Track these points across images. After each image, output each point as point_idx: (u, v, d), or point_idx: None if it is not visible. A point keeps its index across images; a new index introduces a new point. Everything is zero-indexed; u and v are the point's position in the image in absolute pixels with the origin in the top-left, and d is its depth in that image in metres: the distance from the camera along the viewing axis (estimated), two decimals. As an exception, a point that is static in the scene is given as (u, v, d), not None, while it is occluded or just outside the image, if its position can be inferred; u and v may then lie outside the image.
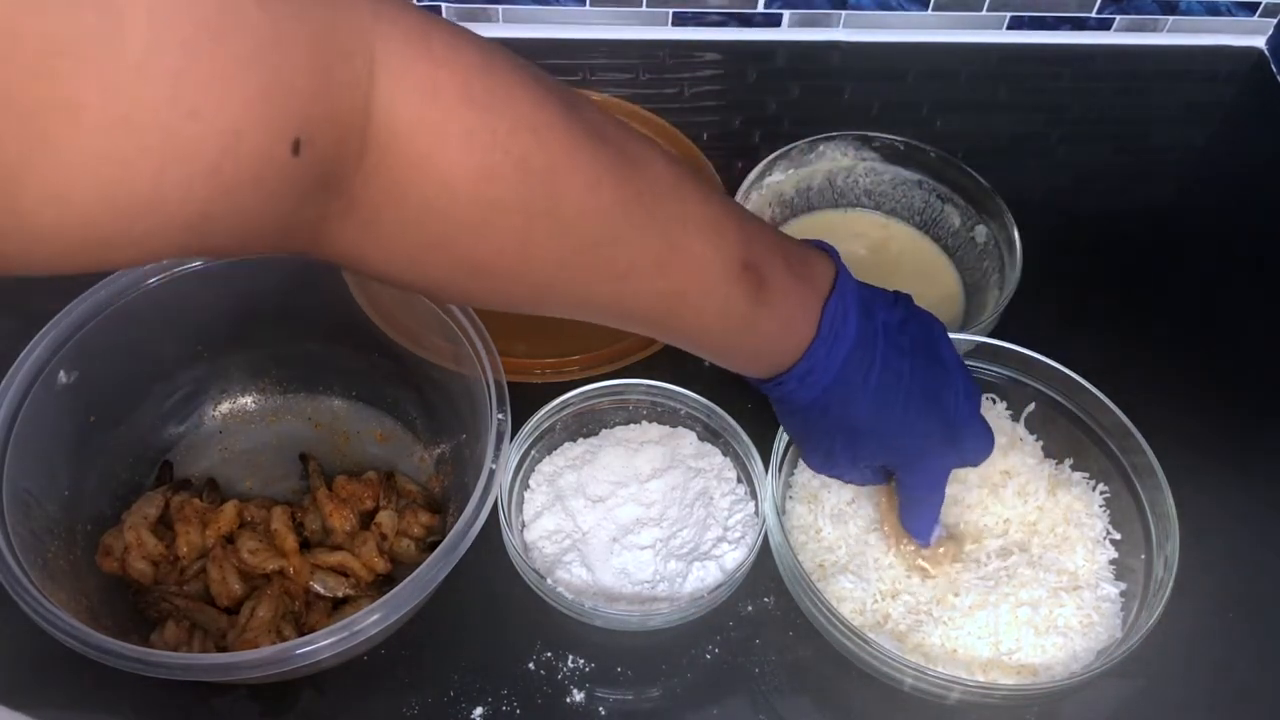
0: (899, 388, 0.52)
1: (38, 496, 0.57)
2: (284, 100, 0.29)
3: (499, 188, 0.37)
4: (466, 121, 0.35)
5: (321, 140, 0.31)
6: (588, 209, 0.40)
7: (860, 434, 0.53)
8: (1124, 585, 0.61)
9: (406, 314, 0.65)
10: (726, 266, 0.45)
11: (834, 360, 0.50)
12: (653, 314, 0.46)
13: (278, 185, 0.31)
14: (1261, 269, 0.83)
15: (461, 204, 0.36)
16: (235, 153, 0.28)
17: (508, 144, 0.36)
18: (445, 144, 0.35)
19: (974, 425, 0.56)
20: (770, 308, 0.47)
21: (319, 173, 0.32)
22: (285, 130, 0.30)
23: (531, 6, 0.93)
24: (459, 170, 0.36)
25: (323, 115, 0.31)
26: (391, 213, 0.36)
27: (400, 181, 0.35)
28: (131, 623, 0.59)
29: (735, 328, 0.47)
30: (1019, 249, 0.72)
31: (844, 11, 0.95)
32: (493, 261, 0.39)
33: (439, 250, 0.38)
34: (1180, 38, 0.98)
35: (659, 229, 0.43)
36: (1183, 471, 0.61)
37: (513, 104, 0.36)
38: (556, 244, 0.40)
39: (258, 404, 0.70)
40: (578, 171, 0.39)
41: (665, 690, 0.61)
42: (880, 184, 0.80)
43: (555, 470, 0.65)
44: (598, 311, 0.46)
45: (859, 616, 0.60)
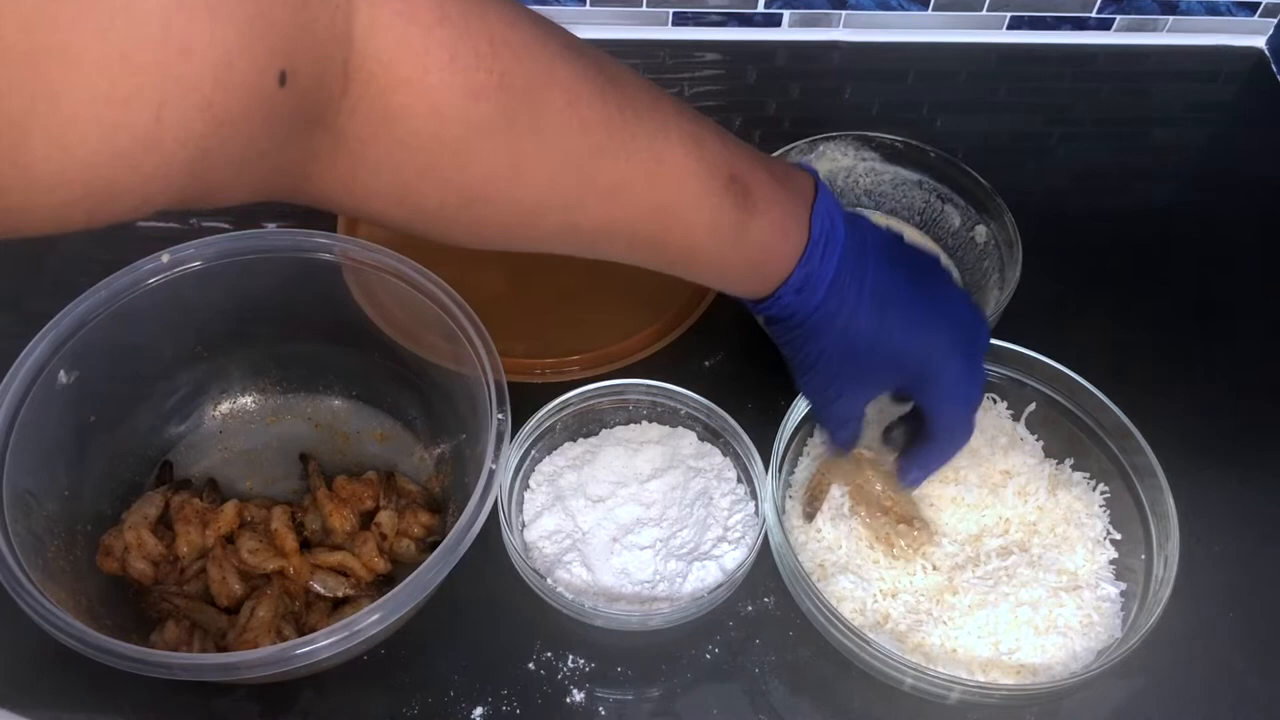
0: (897, 295, 0.51)
1: (38, 496, 0.57)
2: (267, 32, 0.30)
3: (483, 107, 0.37)
4: (446, 43, 0.36)
5: (306, 71, 0.32)
6: (570, 124, 0.40)
7: (862, 346, 0.51)
8: (1124, 585, 0.61)
9: (406, 314, 0.65)
10: (712, 177, 0.45)
11: (828, 266, 0.49)
12: (644, 233, 0.46)
13: (267, 118, 0.31)
14: (1262, 269, 0.83)
15: (448, 126, 0.37)
16: (226, 85, 0.29)
17: (489, 63, 0.37)
18: (427, 66, 0.35)
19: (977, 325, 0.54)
20: (759, 217, 0.47)
21: (306, 104, 0.33)
22: (271, 61, 0.30)
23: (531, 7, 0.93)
24: (443, 92, 0.36)
25: (305, 45, 0.32)
26: (380, 142, 0.36)
27: (386, 108, 0.35)
28: (131, 623, 0.59)
29: (727, 240, 0.47)
30: (1019, 249, 0.72)
31: (844, 11, 0.95)
32: (483, 185, 0.40)
33: (429, 178, 0.38)
34: (1180, 38, 0.98)
35: (642, 142, 0.43)
36: (1183, 471, 0.61)
37: (489, 24, 0.37)
38: (543, 161, 0.40)
39: (258, 404, 0.70)
40: (558, 86, 0.39)
41: (665, 690, 0.61)
42: (880, 184, 0.80)
43: (555, 470, 0.65)
44: (590, 236, 0.45)
45: (859, 616, 0.60)
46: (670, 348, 0.72)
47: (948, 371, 0.53)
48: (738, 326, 0.74)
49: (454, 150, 0.38)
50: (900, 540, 0.61)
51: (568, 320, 0.73)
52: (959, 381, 0.54)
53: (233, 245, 0.63)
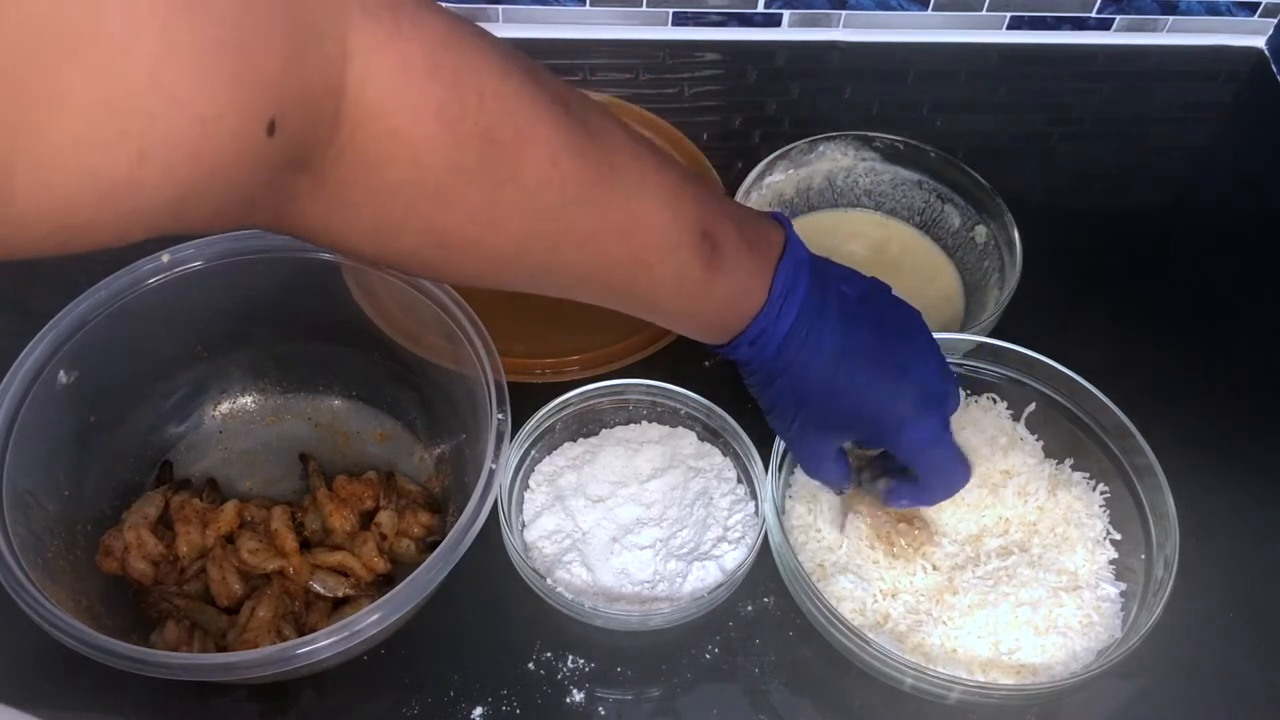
0: (854, 353, 0.52)
1: (38, 496, 0.57)
2: (259, 83, 0.30)
3: (466, 158, 0.38)
4: (436, 95, 0.36)
5: (295, 120, 0.32)
6: (550, 177, 0.41)
7: (817, 401, 0.53)
8: (1124, 585, 0.61)
9: (406, 314, 0.65)
10: (684, 234, 0.46)
11: (783, 324, 0.51)
12: (611, 282, 0.47)
13: (253, 165, 0.31)
14: (1262, 269, 0.83)
15: (430, 175, 0.37)
16: (214, 136, 0.29)
17: (475, 115, 0.37)
18: (416, 118, 0.36)
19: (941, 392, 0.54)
20: (724, 274, 0.48)
21: (292, 151, 0.33)
22: (261, 112, 0.30)
23: (531, 6, 0.93)
24: (429, 143, 0.36)
25: (296, 96, 0.32)
26: (361, 187, 0.37)
27: (371, 156, 0.36)
28: (131, 623, 0.59)
29: (690, 293, 0.49)
30: (1019, 249, 0.72)
31: (844, 11, 0.95)
32: (459, 231, 0.40)
33: (407, 221, 0.39)
34: (1180, 38, 0.98)
35: (618, 197, 0.44)
36: (1183, 471, 0.61)
37: (479, 76, 0.37)
38: (520, 212, 0.41)
39: (258, 404, 0.70)
40: (541, 141, 0.40)
41: (665, 690, 0.61)
42: (880, 184, 0.80)
43: (555, 470, 0.65)
44: (559, 280, 0.47)
45: (859, 616, 0.60)
46: (670, 348, 0.72)
47: (906, 431, 0.53)
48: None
49: (433, 196, 0.38)
50: (900, 539, 0.61)
51: (568, 320, 0.73)
52: (922, 443, 0.54)
53: (233, 245, 0.63)
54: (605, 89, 0.88)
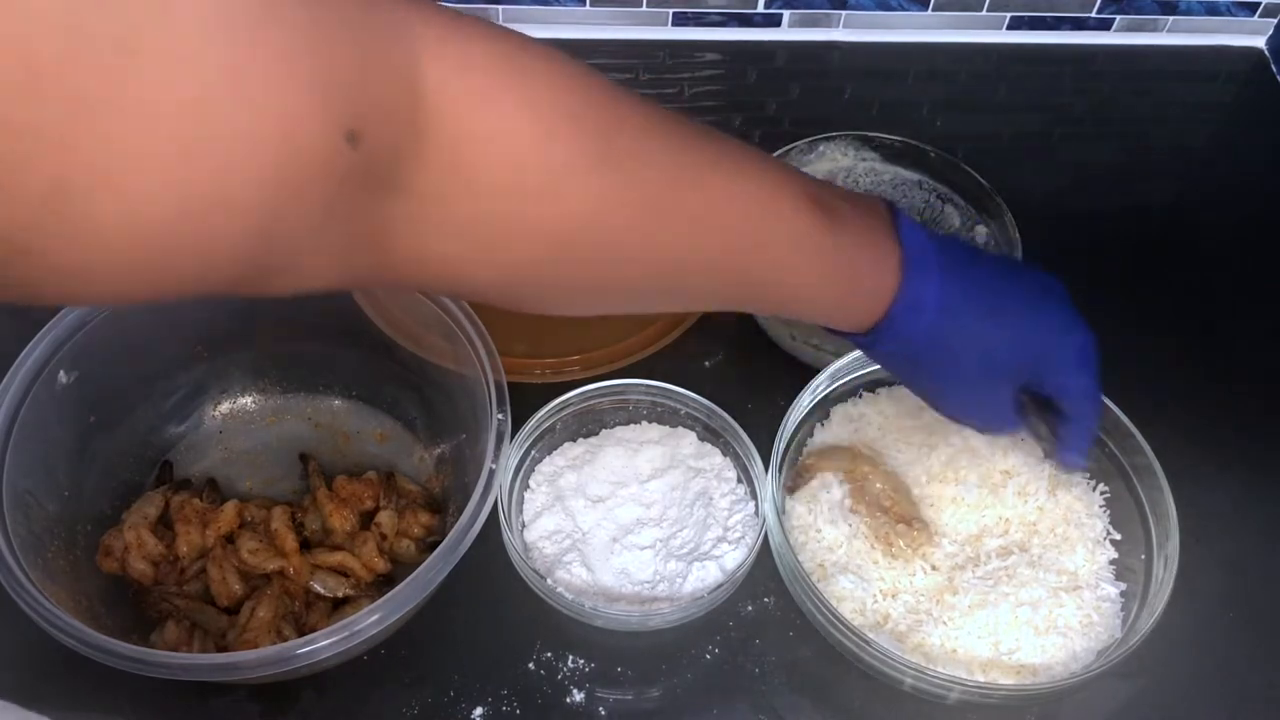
0: (1007, 294, 0.51)
1: (38, 496, 0.57)
2: (334, 91, 0.30)
3: (560, 149, 0.37)
4: (513, 90, 0.35)
5: (375, 129, 0.31)
6: (642, 157, 0.40)
7: (990, 347, 0.50)
8: (1124, 585, 0.61)
9: (406, 314, 0.65)
10: (792, 199, 0.44)
11: (930, 280, 0.48)
12: (732, 264, 0.45)
13: (339, 180, 0.31)
14: (1262, 269, 0.83)
15: (527, 172, 0.36)
16: (295, 145, 0.29)
17: (559, 104, 0.37)
18: (500, 114, 0.35)
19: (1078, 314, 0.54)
20: (847, 235, 0.46)
21: (377, 165, 0.32)
22: (339, 121, 0.30)
23: (531, 6, 0.93)
24: (519, 138, 0.36)
25: (373, 103, 0.31)
26: (458, 198, 0.36)
27: (461, 162, 0.35)
28: (131, 623, 0.59)
29: (818, 260, 0.46)
30: (1019, 249, 0.72)
31: (844, 11, 0.95)
32: (568, 231, 0.39)
33: (514, 229, 0.38)
34: (1180, 38, 0.98)
35: (717, 171, 0.42)
36: (1183, 471, 0.61)
37: (549, 70, 0.37)
38: (623, 199, 0.39)
39: (258, 404, 0.70)
40: (626, 124, 0.39)
41: (665, 690, 0.61)
42: (880, 184, 0.80)
43: (555, 470, 0.65)
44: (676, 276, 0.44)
45: (859, 616, 0.60)
46: (670, 348, 0.72)
47: (1066, 346, 0.52)
48: (738, 326, 0.74)
49: (535, 197, 0.37)
50: (899, 540, 0.61)
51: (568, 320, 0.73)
52: (1082, 347, 0.53)
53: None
54: (605, 89, 0.88)
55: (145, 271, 0.28)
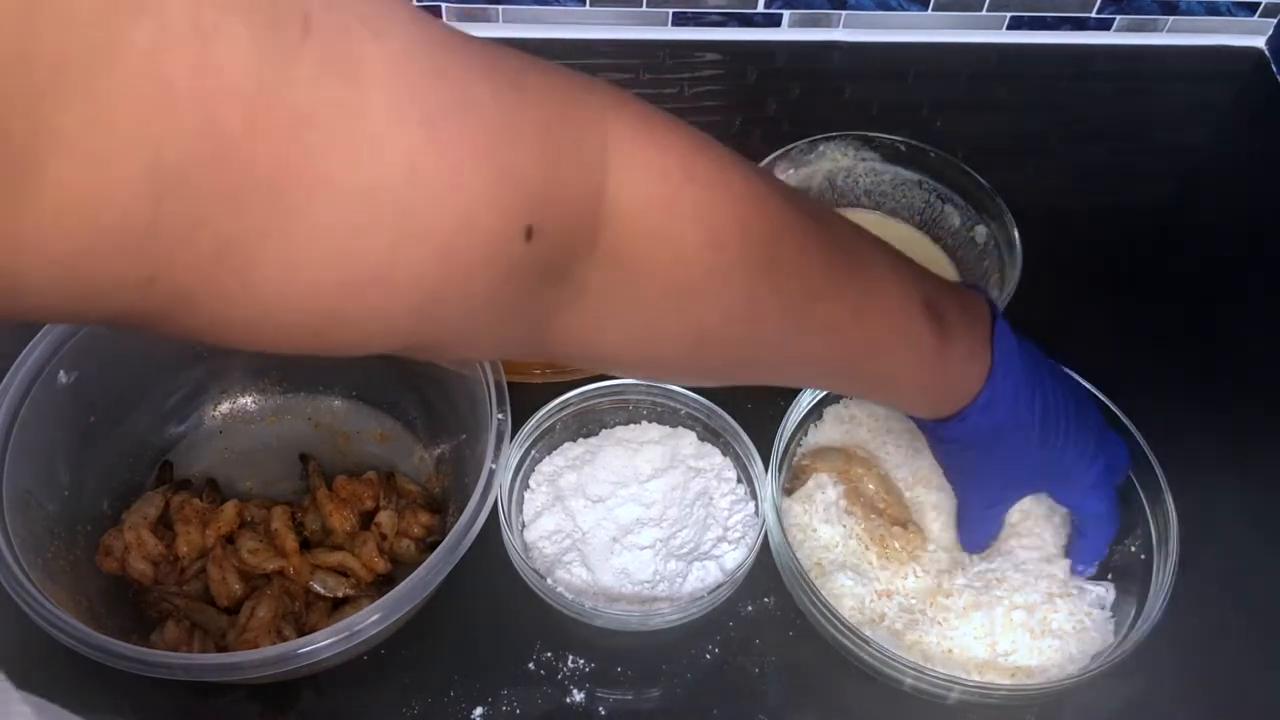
0: (1065, 415, 0.54)
1: (38, 496, 0.57)
2: (517, 187, 0.30)
3: (726, 255, 0.38)
4: (694, 197, 0.36)
5: (553, 227, 0.32)
6: (800, 267, 0.41)
7: (1030, 460, 0.54)
8: (1123, 585, 0.61)
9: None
10: (912, 308, 0.47)
11: (1009, 386, 0.51)
12: (854, 368, 0.48)
13: (509, 271, 0.31)
14: (1262, 269, 0.83)
15: (693, 276, 0.37)
16: (468, 235, 0.29)
17: (731, 212, 0.38)
18: (677, 220, 0.36)
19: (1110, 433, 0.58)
20: (955, 344, 0.49)
21: (550, 259, 0.33)
22: (519, 216, 0.30)
23: (531, 6, 0.93)
24: (690, 242, 0.37)
25: (555, 202, 0.32)
26: (625, 293, 0.36)
27: (633, 261, 0.36)
28: (131, 623, 0.59)
29: (927, 368, 0.49)
30: (1019, 249, 0.72)
31: (844, 11, 0.95)
32: (720, 327, 0.40)
33: (669, 322, 0.39)
34: (1180, 38, 0.98)
35: (855, 279, 0.44)
36: (1183, 471, 0.61)
37: (729, 179, 0.38)
38: (775, 303, 0.41)
39: (258, 404, 0.70)
40: (789, 233, 0.40)
41: (665, 690, 0.61)
42: (880, 184, 0.80)
43: (555, 470, 0.65)
44: (800, 370, 0.48)
45: (858, 616, 0.60)
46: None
47: (1096, 468, 0.56)
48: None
49: (696, 296, 0.38)
50: (895, 542, 0.61)
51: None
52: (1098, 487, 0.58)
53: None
54: (605, 89, 0.88)
55: (303, 333, 0.29)
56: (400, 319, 0.30)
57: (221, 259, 0.25)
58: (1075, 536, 0.61)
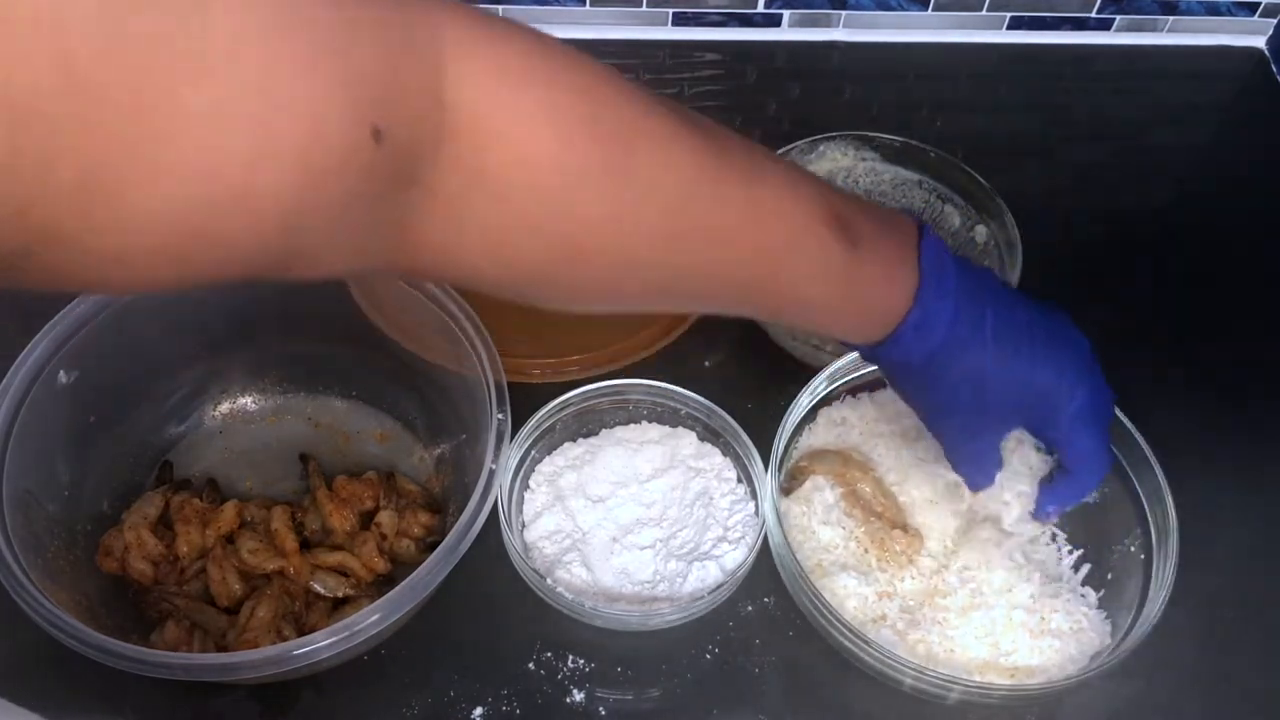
0: (1019, 329, 0.50)
1: (38, 496, 0.57)
2: (362, 88, 0.30)
3: (576, 155, 0.37)
4: (535, 94, 0.36)
5: (400, 127, 0.32)
6: (663, 167, 0.40)
7: (993, 383, 0.50)
8: (1123, 585, 0.61)
9: (406, 314, 0.65)
10: (813, 215, 0.44)
11: (945, 306, 0.48)
12: (749, 279, 0.45)
13: (362, 175, 0.31)
14: (1262, 269, 0.83)
15: (542, 176, 0.37)
16: (322, 141, 0.29)
17: (579, 111, 0.37)
18: (518, 119, 0.36)
19: (1099, 377, 0.54)
20: (867, 254, 0.46)
21: (400, 162, 0.33)
22: (365, 117, 0.31)
23: (531, 6, 0.93)
24: (535, 143, 0.36)
25: (398, 101, 0.32)
26: (474, 197, 0.36)
27: (480, 163, 0.35)
28: (131, 623, 0.59)
29: (836, 280, 0.46)
30: (1019, 249, 0.72)
31: (844, 11, 0.95)
32: (582, 236, 0.39)
33: (526, 231, 0.38)
34: (1180, 38, 0.98)
35: (737, 183, 0.42)
36: (1183, 471, 0.61)
37: (574, 77, 0.37)
38: (640, 208, 0.40)
39: (258, 404, 0.70)
40: (646, 132, 0.39)
41: (665, 690, 0.61)
42: (880, 184, 0.80)
43: (555, 470, 0.65)
44: (692, 286, 0.45)
45: (858, 616, 0.60)
46: (670, 348, 0.72)
47: (1079, 396, 0.52)
48: (738, 326, 0.74)
49: (550, 201, 0.38)
50: (894, 544, 0.61)
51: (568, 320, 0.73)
52: (1092, 404, 0.53)
53: (233, 245, 0.63)
54: (605, 89, 0.88)
55: (172, 259, 0.29)
56: (265, 233, 0.30)
57: (86, 188, 0.25)
58: (1058, 473, 0.57)
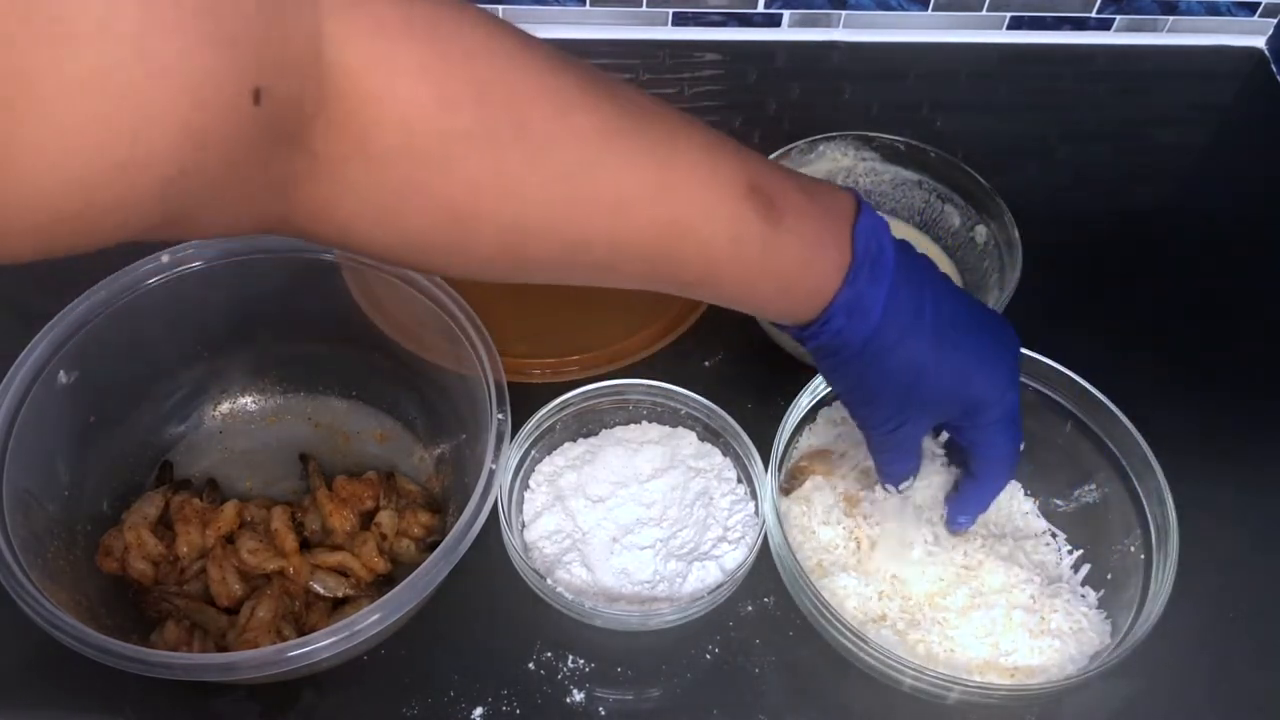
0: (959, 322, 0.49)
1: (38, 496, 0.57)
2: (240, 50, 0.30)
3: (459, 118, 0.36)
4: (415, 54, 0.35)
5: (279, 88, 0.31)
6: (559, 133, 0.38)
7: (927, 374, 0.49)
8: (1123, 585, 0.61)
9: (406, 314, 0.65)
10: (729, 187, 0.42)
11: (879, 288, 0.46)
12: (656, 251, 0.43)
13: (244, 137, 0.31)
14: (1261, 269, 0.83)
15: (421, 139, 0.36)
16: (202, 105, 0.29)
17: (463, 72, 0.36)
18: (396, 78, 0.35)
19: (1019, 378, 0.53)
20: (788, 229, 0.44)
21: (281, 123, 0.32)
22: (245, 78, 0.30)
23: (531, 6, 0.93)
24: (413, 104, 0.35)
25: (276, 61, 0.31)
26: (354, 160, 0.35)
27: (358, 124, 0.34)
28: (131, 623, 0.59)
29: (751, 254, 0.44)
30: (1019, 249, 0.72)
31: (844, 11, 0.95)
32: (468, 201, 0.38)
33: (409, 196, 0.37)
34: (1180, 38, 0.98)
35: (646, 151, 0.40)
36: (1183, 472, 0.61)
37: (462, 34, 0.36)
38: (534, 174, 0.38)
39: (258, 404, 0.70)
40: (543, 96, 0.38)
41: (665, 690, 0.61)
42: (880, 184, 0.80)
43: (555, 470, 0.65)
44: (596, 258, 0.42)
45: (858, 616, 0.60)
46: (670, 348, 0.72)
47: (1006, 402, 0.51)
48: (738, 326, 0.74)
49: (431, 165, 0.36)
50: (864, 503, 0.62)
51: (568, 320, 0.73)
52: (1013, 413, 0.52)
53: (233, 245, 0.63)
54: (605, 89, 0.88)
55: (60, 229, 0.28)
56: (142, 201, 0.29)
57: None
58: (964, 482, 0.57)
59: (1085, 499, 0.65)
